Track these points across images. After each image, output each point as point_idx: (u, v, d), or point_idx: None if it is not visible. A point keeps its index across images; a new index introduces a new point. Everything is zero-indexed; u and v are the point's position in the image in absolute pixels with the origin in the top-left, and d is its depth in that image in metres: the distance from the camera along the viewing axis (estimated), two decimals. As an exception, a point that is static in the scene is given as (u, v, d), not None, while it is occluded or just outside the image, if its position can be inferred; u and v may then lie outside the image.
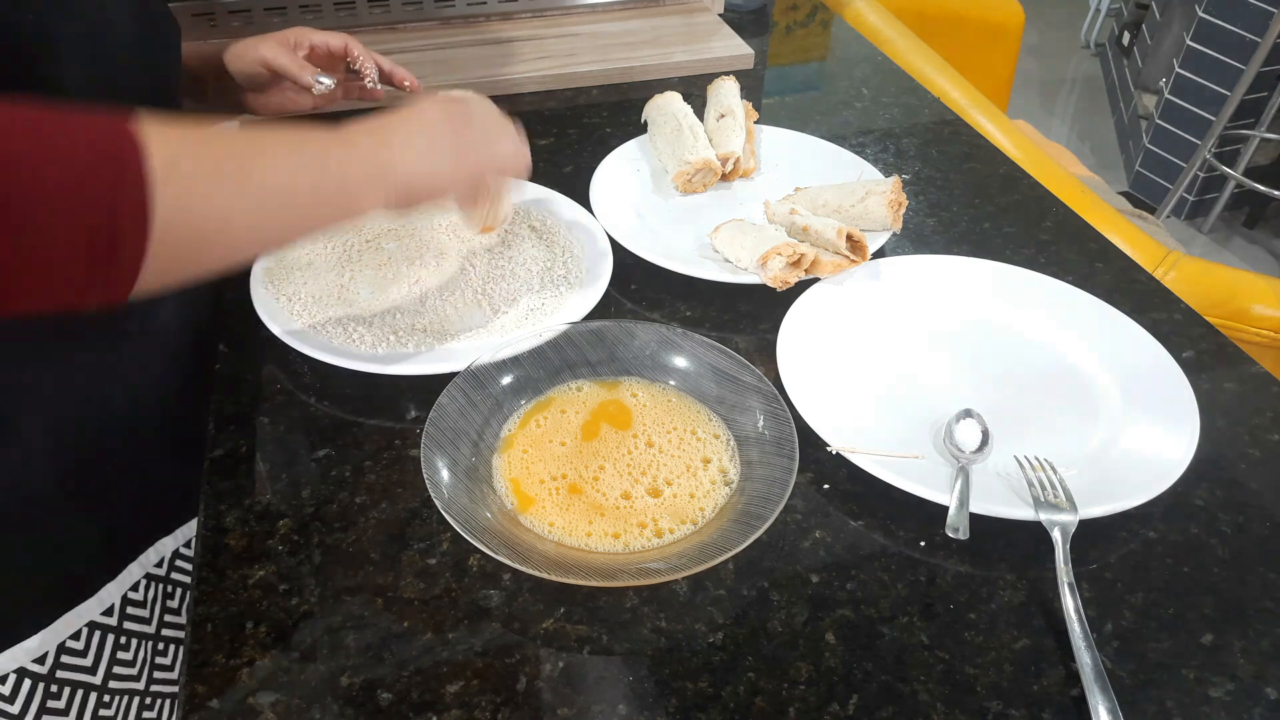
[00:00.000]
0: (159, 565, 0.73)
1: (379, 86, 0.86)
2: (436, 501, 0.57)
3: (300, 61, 0.81)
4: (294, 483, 0.65)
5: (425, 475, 0.59)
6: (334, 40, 0.85)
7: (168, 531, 0.73)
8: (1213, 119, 2.55)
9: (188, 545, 0.75)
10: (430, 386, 0.67)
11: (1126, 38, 3.31)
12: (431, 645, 0.55)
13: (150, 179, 0.42)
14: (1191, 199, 2.75)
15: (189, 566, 0.74)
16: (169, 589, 0.74)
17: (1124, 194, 2.84)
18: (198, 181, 0.45)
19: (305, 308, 0.75)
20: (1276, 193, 2.47)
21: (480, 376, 0.68)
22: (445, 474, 0.60)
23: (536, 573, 0.55)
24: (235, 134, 0.51)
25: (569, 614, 0.57)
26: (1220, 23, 2.49)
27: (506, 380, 0.69)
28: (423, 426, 0.62)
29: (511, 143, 0.65)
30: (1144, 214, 1.85)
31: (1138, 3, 3.28)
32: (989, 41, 2.01)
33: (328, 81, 0.83)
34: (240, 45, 0.81)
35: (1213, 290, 1.17)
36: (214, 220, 0.47)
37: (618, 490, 0.63)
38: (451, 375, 0.67)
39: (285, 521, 0.62)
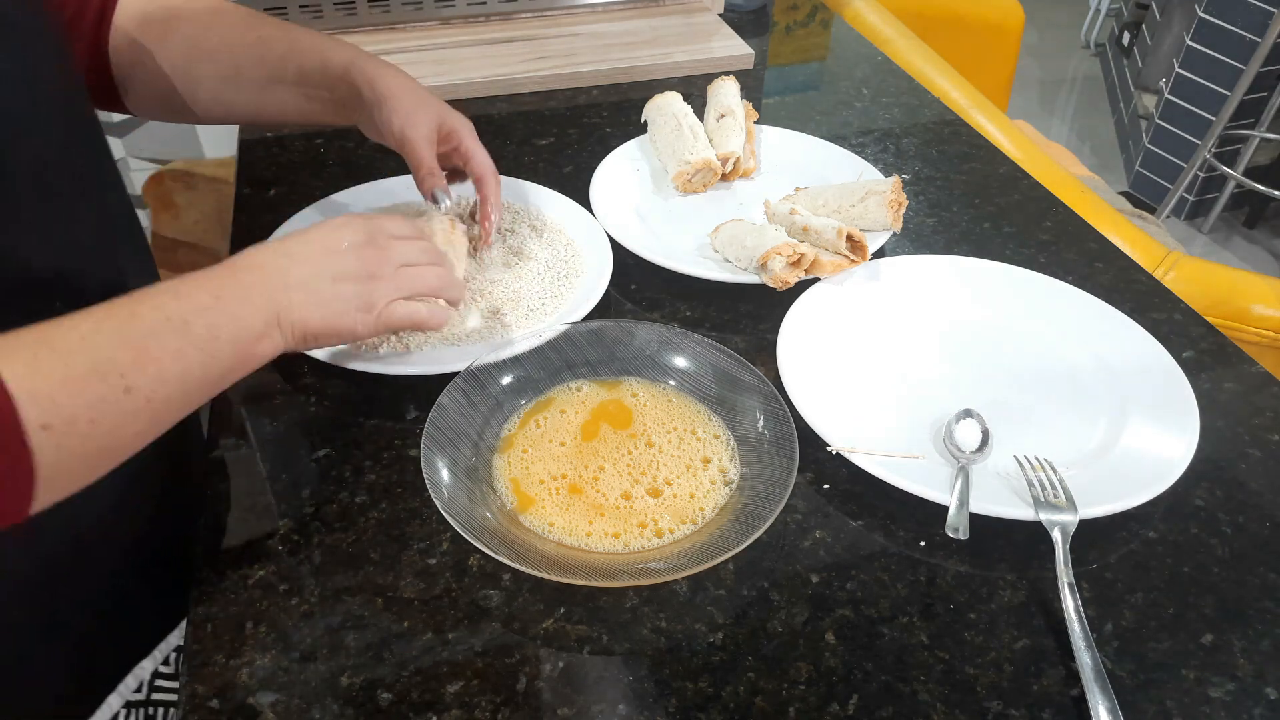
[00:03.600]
0: (138, 690, 0.65)
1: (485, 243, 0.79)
2: (436, 501, 0.57)
3: (433, 164, 0.73)
4: (294, 483, 0.65)
5: (425, 475, 0.59)
6: (477, 164, 0.76)
7: (147, 653, 0.66)
8: (1213, 119, 2.55)
9: (166, 662, 0.67)
10: (430, 386, 0.67)
11: (1126, 38, 3.31)
12: (431, 645, 0.55)
13: (29, 445, 0.42)
14: (1191, 199, 2.75)
15: (170, 684, 0.67)
16: (150, 711, 0.66)
17: (1124, 194, 2.84)
18: (76, 430, 0.44)
19: (305, 308, 0.75)
20: (1276, 193, 2.46)
21: (480, 376, 0.68)
22: (445, 474, 0.60)
23: (536, 573, 0.55)
24: (111, 345, 0.47)
25: (569, 614, 0.57)
26: (1220, 23, 2.49)
27: (506, 380, 0.69)
28: (423, 426, 0.62)
29: (421, 307, 0.63)
30: (1144, 214, 1.85)
31: (1138, 3, 3.28)
32: (989, 41, 2.01)
33: (448, 203, 0.74)
34: (391, 96, 0.72)
35: (1213, 290, 1.17)
36: (98, 449, 0.47)
37: (618, 490, 0.63)
38: (451, 375, 0.67)
39: (285, 521, 0.62)
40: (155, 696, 0.67)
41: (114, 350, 0.47)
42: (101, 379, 0.46)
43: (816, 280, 0.80)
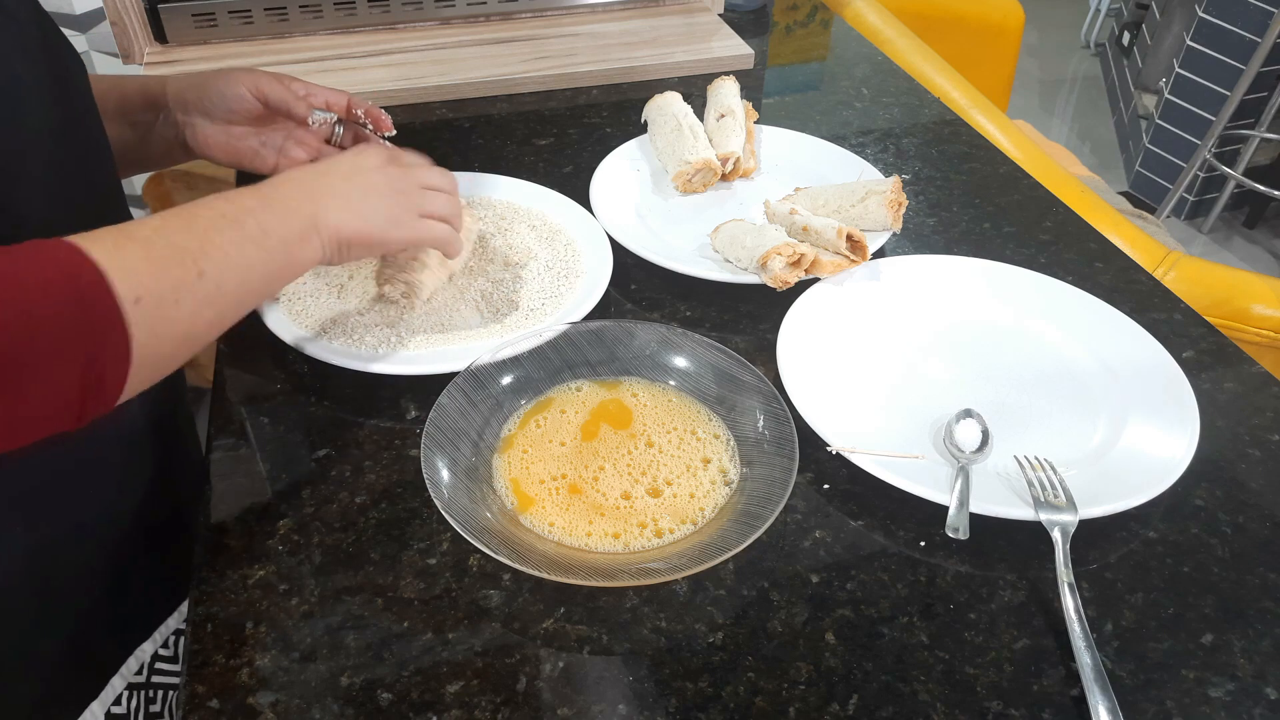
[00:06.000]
0: (139, 673, 0.67)
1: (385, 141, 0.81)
2: (436, 501, 0.57)
3: (294, 94, 0.76)
4: (294, 483, 0.65)
5: (425, 475, 0.59)
6: (333, 97, 0.78)
7: (147, 635, 0.68)
8: (1213, 119, 2.55)
9: (166, 645, 0.69)
10: (430, 386, 0.67)
11: (1126, 38, 3.31)
12: (431, 645, 0.55)
13: (125, 319, 0.45)
14: (1191, 199, 2.75)
15: (169, 667, 0.69)
16: (150, 694, 0.68)
17: (1124, 194, 2.84)
18: (163, 308, 0.48)
19: (305, 307, 0.75)
20: (1276, 193, 2.47)
21: (480, 376, 0.68)
22: (445, 474, 0.60)
23: (536, 573, 0.55)
24: (181, 235, 0.51)
25: (569, 614, 0.57)
26: (1220, 23, 2.49)
27: (506, 380, 0.69)
28: (423, 426, 0.62)
29: (445, 227, 0.68)
30: (1144, 214, 1.85)
31: (1138, 3, 3.28)
32: (989, 41, 2.01)
33: (326, 115, 0.77)
34: (208, 75, 0.75)
35: (1213, 290, 1.17)
36: (181, 333, 0.51)
37: (618, 490, 0.63)
38: (451, 375, 0.67)
39: (285, 521, 0.62)
40: (155, 679, 0.68)
41: (184, 239, 0.51)
42: (178, 262, 0.50)
43: (816, 280, 0.80)
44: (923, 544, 0.62)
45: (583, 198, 0.90)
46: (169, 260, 0.49)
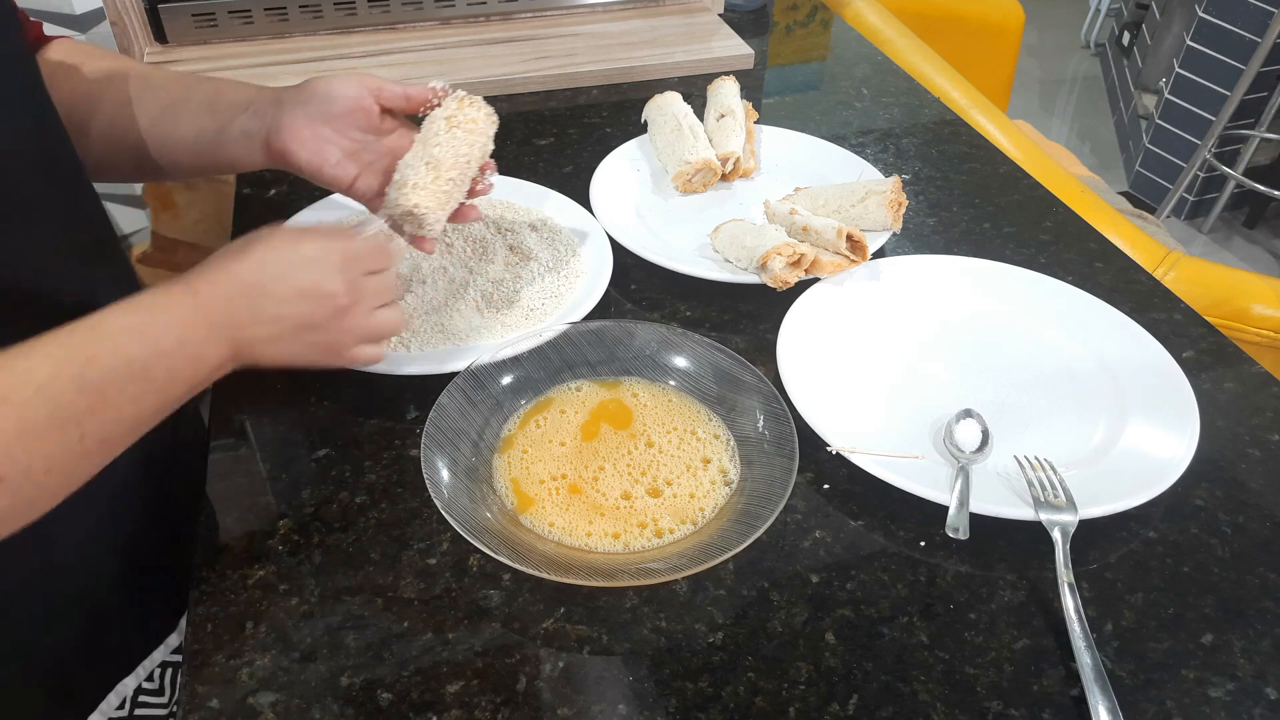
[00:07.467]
0: (121, 708, 0.64)
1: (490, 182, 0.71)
2: (436, 501, 0.57)
3: (401, 84, 0.69)
4: (294, 483, 0.65)
5: (425, 475, 0.59)
6: (413, 90, 0.70)
7: (129, 671, 0.65)
8: (1213, 119, 2.55)
9: (150, 679, 0.66)
10: (430, 386, 0.67)
11: (1126, 38, 3.31)
12: (431, 645, 0.55)
13: None
14: (1191, 199, 2.74)
15: (154, 700, 0.67)
16: None
17: (1124, 194, 2.84)
18: (30, 479, 0.45)
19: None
20: (1276, 193, 2.46)
21: (480, 376, 0.68)
22: (445, 474, 0.60)
23: (536, 573, 0.55)
24: (70, 393, 0.46)
25: (569, 614, 0.57)
26: (1220, 23, 2.49)
27: (506, 380, 0.69)
28: (423, 426, 0.62)
29: (373, 349, 0.62)
30: (1144, 214, 1.85)
31: (1138, 3, 3.28)
32: (989, 41, 2.01)
33: (439, 83, 0.70)
34: (316, 76, 0.67)
35: (1213, 290, 1.17)
36: (53, 491, 0.47)
37: (618, 490, 0.63)
38: (451, 375, 0.67)
39: (285, 521, 0.62)
40: (138, 713, 0.66)
41: (71, 398, 0.46)
42: (59, 429, 0.46)
43: (816, 280, 0.80)
44: (923, 544, 0.62)
45: (583, 198, 0.90)
46: (46, 429, 0.45)
